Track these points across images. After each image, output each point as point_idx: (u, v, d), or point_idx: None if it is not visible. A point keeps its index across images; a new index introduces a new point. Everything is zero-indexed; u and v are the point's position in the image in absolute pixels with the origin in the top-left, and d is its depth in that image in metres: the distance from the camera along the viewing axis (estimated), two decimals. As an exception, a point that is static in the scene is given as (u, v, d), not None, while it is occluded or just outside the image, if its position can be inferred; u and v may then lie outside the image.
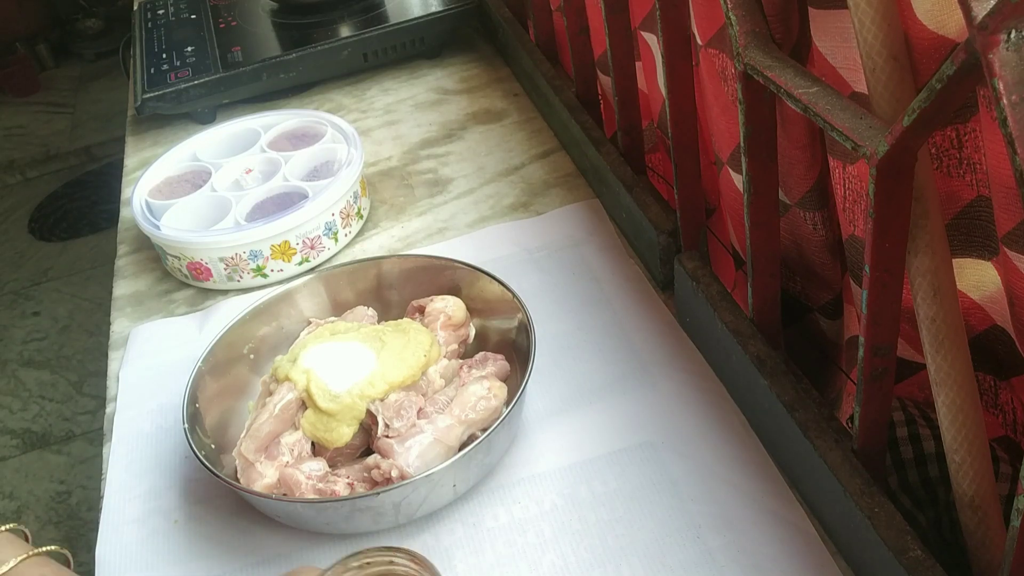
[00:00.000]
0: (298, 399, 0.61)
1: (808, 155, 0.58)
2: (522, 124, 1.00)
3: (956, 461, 0.46)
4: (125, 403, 0.73)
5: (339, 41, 1.10)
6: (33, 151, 3.03)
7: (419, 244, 0.86)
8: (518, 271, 0.78)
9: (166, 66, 1.08)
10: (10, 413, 2.10)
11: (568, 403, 0.66)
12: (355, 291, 0.73)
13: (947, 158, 0.47)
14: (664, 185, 0.86)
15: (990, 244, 0.48)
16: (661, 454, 0.61)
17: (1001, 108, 0.31)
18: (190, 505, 0.64)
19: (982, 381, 0.55)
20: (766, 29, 0.50)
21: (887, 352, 0.47)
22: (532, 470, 0.62)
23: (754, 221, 0.56)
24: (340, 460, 0.62)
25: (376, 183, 0.95)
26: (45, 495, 1.87)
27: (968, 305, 0.52)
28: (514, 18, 1.09)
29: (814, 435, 0.53)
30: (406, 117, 1.05)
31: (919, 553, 0.47)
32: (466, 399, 0.61)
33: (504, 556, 0.57)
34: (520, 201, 0.89)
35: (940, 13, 0.40)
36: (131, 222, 0.91)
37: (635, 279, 0.76)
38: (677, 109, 0.64)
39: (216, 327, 0.73)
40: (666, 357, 0.68)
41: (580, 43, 0.86)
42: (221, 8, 1.21)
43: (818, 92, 0.44)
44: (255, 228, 0.79)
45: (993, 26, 0.30)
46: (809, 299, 0.68)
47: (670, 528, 0.57)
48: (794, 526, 0.56)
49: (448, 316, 0.67)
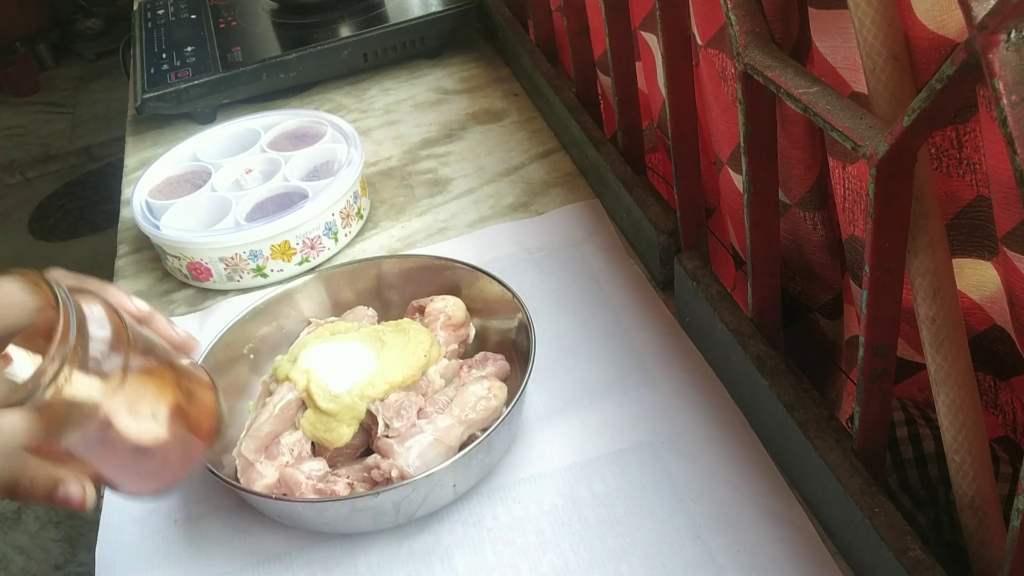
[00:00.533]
0: (298, 399, 0.61)
1: (808, 155, 0.58)
2: (522, 124, 1.00)
3: (956, 461, 0.46)
4: (125, 403, 0.73)
5: (339, 41, 1.10)
6: (33, 151, 3.03)
7: (419, 244, 0.86)
8: (518, 271, 0.78)
9: (166, 66, 1.08)
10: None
11: (568, 403, 0.66)
12: (355, 291, 0.73)
13: (947, 158, 0.47)
14: (664, 185, 0.86)
15: (990, 244, 0.48)
16: (661, 454, 0.61)
17: (1001, 108, 0.31)
18: (190, 505, 0.64)
19: (982, 381, 0.55)
20: (766, 29, 0.50)
21: (887, 352, 0.47)
22: (532, 470, 0.62)
23: (754, 221, 0.56)
24: (340, 460, 0.62)
25: (376, 183, 0.95)
26: (45, 495, 1.87)
27: (968, 305, 0.52)
28: (514, 18, 1.09)
29: (814, 435, 0.53)
30: (406, 117, 1.05)
31: (919, 553, 0.47)
32: (466, 399, 0.61)
33: (504, 556, 0.57)
34: (520, 201, 0.89)
35: (940, 13, 0.40)
36: (131, 222, 0.91)
37: (635, 279, 0.76)
38: (677, 109, 0.64)
39: (216, 327, 0.73)
40: (666, 357, 0.68)
41: (580, 43, 0.86)
42: (221, 8, 1.21)
43: (818, 92, 0.44)
44: (255, 228, 0.79)
45: (993, 26, 0.30)
46: (809, 299, 0.68)
47: (670, 528, 0.57)
48: (794, 526, 0.56)
49: (448, 316, 0.67)
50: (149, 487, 0.48)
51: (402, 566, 0.58)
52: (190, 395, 0.48)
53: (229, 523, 0.62)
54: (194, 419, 0.48)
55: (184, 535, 0.62)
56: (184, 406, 0.47)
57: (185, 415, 0.47)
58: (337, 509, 0.57)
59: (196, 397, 0.48)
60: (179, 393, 0.47)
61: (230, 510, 0.63)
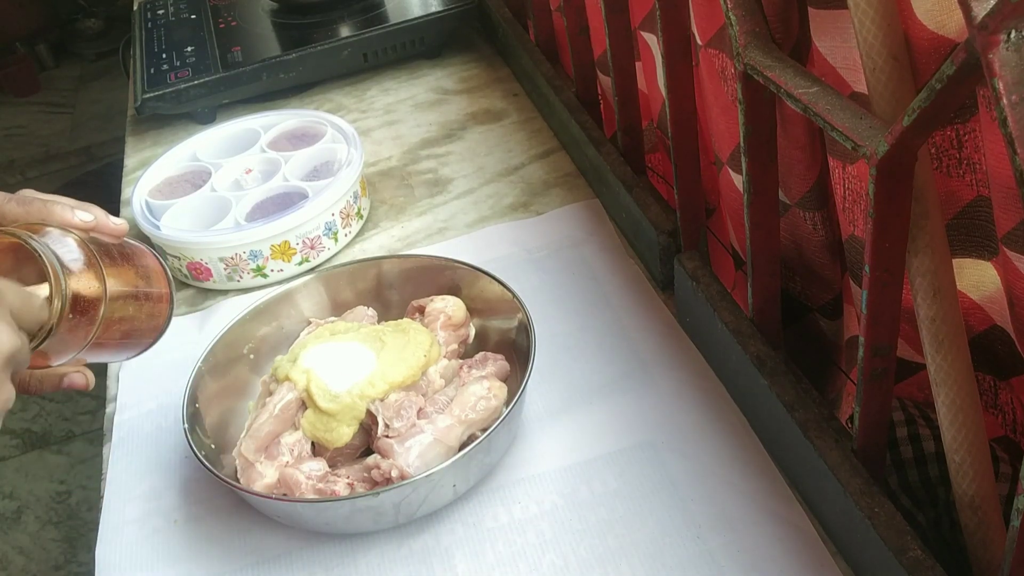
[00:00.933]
0: (298, 399, 0.61)
1: (808, 155, 0.58)
2: (522, 124, 1.00)
3: (956, 461, 0.46)
4: (125, 403, 0.73)
5: (339, 41, 1.10)
6: (33, 151, 3.03)
7: (419, 244, 0.86)
8: (518, 271, 0.78)
9: (166, 66, 1.08)
10: (10, 413, 2.08)
11: (568, 403, 0.66)
12: (355, 291, 0.73)
13: (947, 158, 0.47)
14: (664, 185, 0.86)
15: (990, 244, 0.48)
16: (661, 454, 0.61)
17: (1001, 108, 0.31)
18: (190, 505, 0.64)
19: (982, 381, 0.55)
20: (766, 29, 0.50)
21: (887, 352, 0.47)
22: (532, 470, 0.62)
23: (754, 221, 0.56)
24: (340, 460, 0.62)
25: (376, 183, 0.95)
26: (45, 495, 1.87)
27: (968, 305, 0.52)
28: (514, 18, 1.09)
29: (814, 435, 0.53)
30: (406, 117, 1.05)
31: (919, 553, 0.47)
32: (466, 399, 0.61)
33: (504, 556, 0.57)
34: (520, 201, 0.89)
35: (940, 13, 0.40)
36: (131, 222, 0.91)
37: (635, 279, 0.76)
38: (677, 109, 0.64)
39: (216, 327, 0.73)
40: (666, 357, 0.68)
41: (580, 43, 0.86)
42: (221, 8, 1.21)
43: (818, 92, 0.44)
44: (255, 228, 0.79)
45: (993, 26, 0.30)
46: (809, 299, 0.68)
47: (670, 528, 0.57)
48: (794, 526, 0.56)
49: (448, 316, 0.67)
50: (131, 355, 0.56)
51: (402, 566, 0.58)
52: (147, 274, 0.55)
53: (229, 523, 0.62)
54: (155, 291, 0.55)
55: (184, 535, 0.62)
56: (145, 286, 0.54)
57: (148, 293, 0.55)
58: (337, 509, 0.57)
59: (150, 272, 0.56)
60: (139, 278, 0.54)
61: (230, 510, 0.63)
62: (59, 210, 0.51)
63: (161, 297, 0.56)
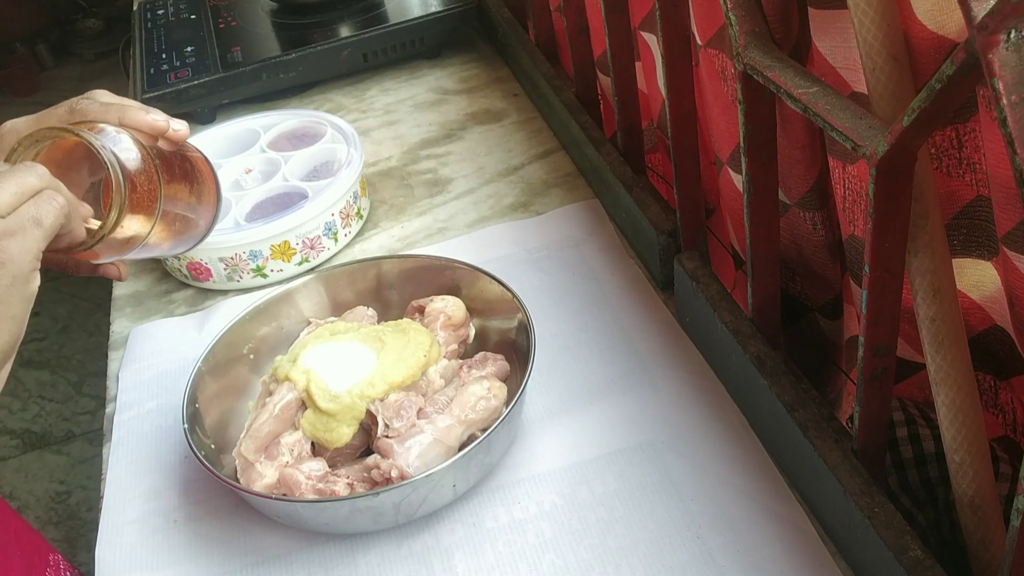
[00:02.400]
0: (298, 399, 0.61)
1: (808, 155, 0.58)
2: (522, 124, 1.00)
3: (956, 461, 0.46)
4: (125, 403, 0.73)
5: (339, 41, 1.10)
6: (33, 151, 3.02)
7: (419, 244, 0.86)
8: (518, 271, 0.78)
9: (166, 66, 1.08)
10: (10, 413, 2.09)
11: (568, 403, 0.66)
12: (355, 291, 0.73)
13: (947, 158, 0.47)
14: (664, 185, 0.86)
15: (990, 244, 0.48)
16: (661, 454, 0.61)
17: (1001, 108, 0.31)
18: (190, 505, 0.64)
19: (982, 381, 0.55)
20: (766, 29, 0.50)
21: (887, 352, 0.47)
22: (532, 470, 0.62)
23: (754, 221, 0.56)
24: (340, 460, 0.62)
25: (376, 183, 0.95)
26: (45, 495, 1.87)
27: (968, 305, 0.52)
28: (514, 18, 1.09)
29: (814, 435, 0.53)
30: (406, 117, 1.05)
31: (919, 553, 0.47)
32: (466, 399, 0.61)
33: (504, 556, 0.57)
34: (520, 201, 0.89)
35: (940, 13, 0.40)
36: (131, 222, 0.91)
37: (635, 279, 0.76)
38: (677, 109, 0.64)
39: (216, 327, 0.73)
40: (666, 357, 0.68)
41: (580, 43, 0.86)
42: (221, 8, 1.21)
43: (818, 92, 0.44)
44: (255, 228, 0.79)
45: (993, 26, 0.30)
46: (809, 299, 0.68)
47: (670, 528, 0.57)
48: (794, 526, 0.56)
49: (448, 316, 0.67)
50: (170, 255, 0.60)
51: (402, 566, 0.58)
52: (199, 177, 0.57)
53: (229, 523, 0.62)
54: (206, 194, 0.58)
55: (184, 535, 0.62)
56: (196, 191, 0.57)
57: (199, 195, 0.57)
58: (337, 509, 0.57)
59: (201, 175, 0.58)
60: (192, 183, 0.56)
61: (230, 510, 0.63)
62: (132, 111, 0.54)
63: (210, 202, 0.58)
